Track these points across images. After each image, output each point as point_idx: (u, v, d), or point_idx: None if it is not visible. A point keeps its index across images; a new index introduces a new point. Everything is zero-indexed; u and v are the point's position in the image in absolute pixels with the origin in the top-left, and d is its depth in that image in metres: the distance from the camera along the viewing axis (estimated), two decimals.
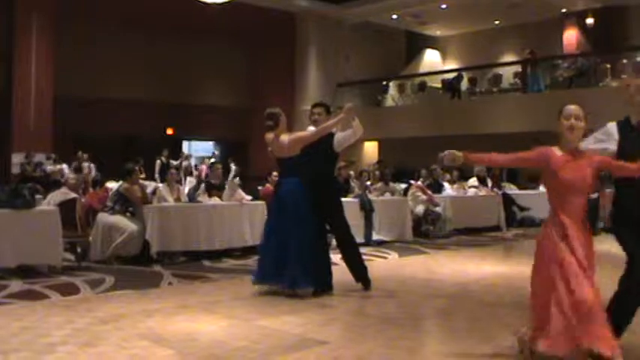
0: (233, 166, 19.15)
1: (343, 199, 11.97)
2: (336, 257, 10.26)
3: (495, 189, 16.00)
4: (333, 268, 7.53)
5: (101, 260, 9.56)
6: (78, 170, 15.93)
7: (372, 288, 7.51)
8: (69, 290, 7.52)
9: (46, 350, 5.00)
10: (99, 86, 20.58)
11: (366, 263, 7.79)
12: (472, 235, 14.04)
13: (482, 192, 15.52)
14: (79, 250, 10.04)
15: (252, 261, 9.82)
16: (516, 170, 18.80)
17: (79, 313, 6.25)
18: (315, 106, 7.79)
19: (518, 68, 21.70)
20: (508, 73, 22.51)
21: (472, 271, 9.37)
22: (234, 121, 24.06)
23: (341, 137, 7.45)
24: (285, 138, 7.21)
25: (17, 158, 18.42)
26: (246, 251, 10.49)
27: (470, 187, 15.56)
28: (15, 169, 18.34)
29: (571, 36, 22.85)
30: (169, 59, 22.44)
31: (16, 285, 7.74)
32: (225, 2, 14.66)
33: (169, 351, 5.03)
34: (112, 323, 5.86)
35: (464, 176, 16.40)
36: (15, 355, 4.88)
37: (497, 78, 22.62)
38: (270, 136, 7.31)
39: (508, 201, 15.87)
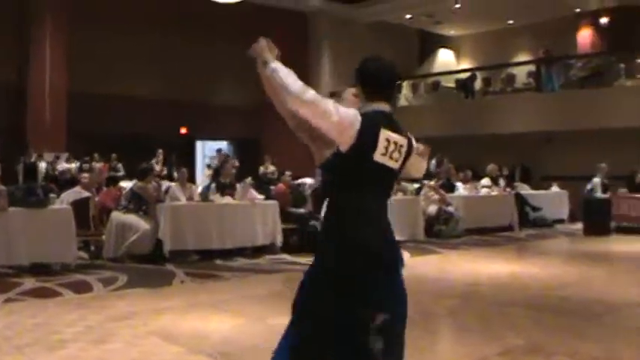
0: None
1: None
2: None
3: (508, 189, 15.94)
4: None
5: (114, 258, 9.58)
6: (89, 170, 16.00)
7: None
8: (82, 288, 7.59)
9: (58, 346, 5.06)
10: (112, 84, 20.58)
11: None
12: (484, 235, 13.95)
13: (495, 192, 15.46)
14: (92, 248, 10.17)
15: (263, 260, 9.90)
16: (529, 169, 18.72)
17: (92, 311, 6.30)
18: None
19: (531, 68, 21.54)
20: (522, 73, 22.34)
21: (484, 271, 9.31)
22: (247, 120, 24.05)
23: None
24: None
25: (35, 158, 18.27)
26: (257, 250, 10.51)
27: (482, 186, 15.50)
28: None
29: (585, 35, 22.72)
30: (183, 58, 22.44)
31: (29, 282, 7.81)
32: (239, 1, 14.69)
33: (179, 348, 5.07)
34: (123, 321, 5.91)
35: (476, 176, 16.35)
36: (28, 350, 4.95)
37: (511, 78, 22.45)
38: None
39: (521, 201, 15.80)
